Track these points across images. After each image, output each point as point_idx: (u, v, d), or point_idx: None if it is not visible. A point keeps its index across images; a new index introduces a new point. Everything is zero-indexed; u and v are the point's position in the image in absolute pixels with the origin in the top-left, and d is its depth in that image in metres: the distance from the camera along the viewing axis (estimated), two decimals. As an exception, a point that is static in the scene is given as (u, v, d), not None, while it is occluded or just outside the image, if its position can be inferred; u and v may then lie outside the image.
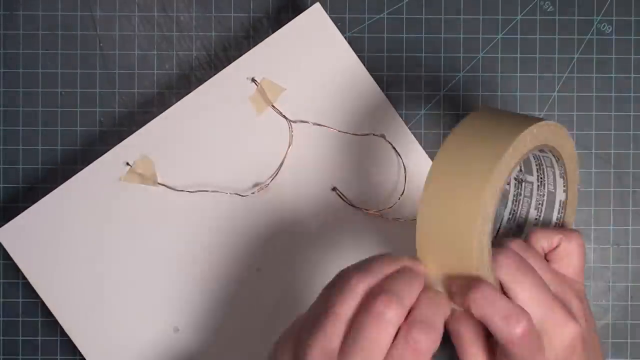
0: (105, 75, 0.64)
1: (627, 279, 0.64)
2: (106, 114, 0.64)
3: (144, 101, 0.64)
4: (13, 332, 0.64)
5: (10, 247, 0.59)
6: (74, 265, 0.59)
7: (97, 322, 0.59)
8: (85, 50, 0.64)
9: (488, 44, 0.64)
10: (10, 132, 0.64)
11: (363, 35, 0.64)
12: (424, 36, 0.64)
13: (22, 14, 0.64)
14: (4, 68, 0.64)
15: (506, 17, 0.64)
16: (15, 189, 0.64)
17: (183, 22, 0.65)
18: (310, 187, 0.60)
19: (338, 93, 0.60)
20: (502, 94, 0.64)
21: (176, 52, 0.65)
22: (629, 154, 0.64)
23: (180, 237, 0.60)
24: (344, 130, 0.60)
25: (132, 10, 0.65)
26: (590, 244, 0.64)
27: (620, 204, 0.64)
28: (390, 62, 0.64)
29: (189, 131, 0.60)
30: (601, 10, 0.64)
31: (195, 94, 0.60)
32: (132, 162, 0.59)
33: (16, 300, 0.64)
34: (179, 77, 0.64)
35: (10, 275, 0.64)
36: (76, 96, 0.64)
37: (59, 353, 0.64)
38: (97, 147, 0.63)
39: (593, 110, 0.64)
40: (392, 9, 0.64)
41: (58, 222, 0.59)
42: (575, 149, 0.64)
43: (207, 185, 0.60)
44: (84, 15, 0.64)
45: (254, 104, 0.60)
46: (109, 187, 0.59)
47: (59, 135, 0.64)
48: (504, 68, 0.64)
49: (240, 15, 0.65)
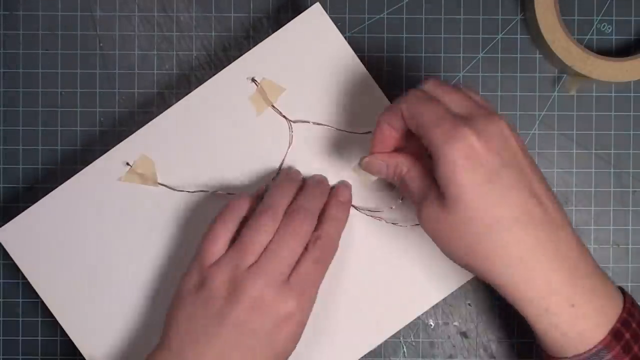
0: (105, 75, 0.64)
1: (627, 279, 0.64)
2: (106, 114, 0.64)
3: (144, 101, 0.64)
4: (13, 332, 0.64)
5: (10, 247, 0.59)
6: (74, 265, 0.59)
7: (97, 322, 0.59)
8: (85, 50, 0.64)
9: (488, 44, 0.64)
10: (10, 132, 0.64)
11: (363, 35, 0.64)
12: (424, 36, 0.64)
13: (22, 14, 0.64)
14: (4, 68, 0.64)
15: (506, 17, 0.64)
16: (15, 189, 0.64)
17: (183, 22, 0.65)
18: (310, 187, 0.60)
19: (338, 93, 0.60)
20: (502, 94, 0.64)
21: (176, 52, 0.65)
22: (629, 154, 0.64)
23: (180, 237, 0.60)
24: (343, 128, 0.60)
25: (132, 10, 0.65)
26: (590, 244, 0.64)
27: (620, 204, 0.64)
28: (390, 62, 0.64)
29: (189, 131, 0.60)
30: (601, 10, 0.64)
31: (195, 94, 0.60)
32: (132, 162, 0.59)
33: (16, 300, 0.64)
34: (179, 77, 0.64)
35: (10, 275, 0.64)
36: (76, 96, 0.64)
37: (59, 353, 0.64)
38: (97, 147, 0.63)
39: (593, 110, 0.64)
40: (392, 9, 0.64)
41: (58, 222, 0.59)
42: (575, 148, 0.64)
43: (207, 185, 0.60)
44: (84, 15, 0.64)
45: (254, 104, 0.60)
46: (109, 187, 0.59)
47: (59, 135, 0.64)
48: (503, 68, 0.64)
49: (240, 15, 0.65)
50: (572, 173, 0.64)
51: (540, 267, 0.47)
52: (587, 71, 0.61)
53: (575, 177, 0.64)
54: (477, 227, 0.47)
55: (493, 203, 0.47)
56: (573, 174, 0.64)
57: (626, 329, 0.47)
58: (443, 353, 0.64)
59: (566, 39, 0.61)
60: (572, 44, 0.61)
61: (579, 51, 0.61)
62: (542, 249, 0.47)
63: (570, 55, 0.61)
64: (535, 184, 0.48)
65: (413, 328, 0.64)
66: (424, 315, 0.64)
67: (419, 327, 0.64)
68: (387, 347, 0.64)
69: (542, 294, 0.47)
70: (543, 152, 0.64)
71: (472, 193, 0.46)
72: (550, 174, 0.64)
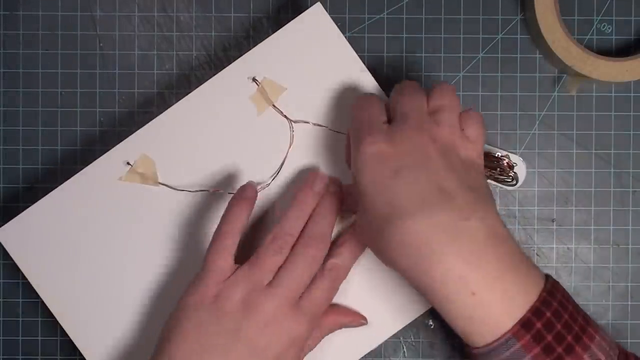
0: (105, 75, 0.64)
1: (627, 279, 0.64)
2: (106, 114, 0.64)
3: (144, 101, 0.64)
4: (13, 332, 0.64)
5: (10, 247, 0.59)
6: (74, 265, 0.59)
7: (97, 321, 0.59)
8: (85, 50, 0.64)
9: (488, 44, 0.64)
10: (10, 132, 0.64)
11: (363, 35, 0.64)
12: (424, 36, 0.64)
13: (22, 14, 0.64)
14: (4, 68, 0.64)
15: (506, 17, 0.64)
16: (15, 189, 0.64)
17: (183, 22, 0.65)
18: (310, 186, 0.60)
19: (338, 92, 0.60)
20: (502, 94, 0.64)
21: (176, 52, 0.65)
22: (629, 154, 0.64)
23: (180, 237, 0.60)
24: (344, 129, 0.60)
25: (132, 10, 0.65)
26: (590, 244, 0.64)
27: (620, 204, 0.64)
28: (390, 62, 0.64)
29: (190, 131, 0.60)
30: (601, 10, 0.64)
31: (195, 94, 0.60)
32: (132, 162, 0.59)
33: (16, 300, 0.64)
34: (179, 77, 0.64)
35: (10, 275, 0.64)
36: (76, 96, 0.64)
37: (59, 353, 0.64)
38: (97, 147, 0.63)
39: (593, 110, 0.64)
40: (392, 9, 0.64)
41: (58, 222, 0.59)
42: (575, 148, 0.64)
43: (208, 185, 0.60)
44: (84, 15, 0.64)
45: (255, 104, 0.60)
46: (109, 187, 0.59)
47: (59, 135, 0.64)
48: (503, 68, 0.64)
49: (240, 15, 0.65)
50: (572, 173, 0.64)
51: (438, 254, 0.47)
52: (587, 71, 0.61)
53: (575, 177, 0.64)
54: (380, 218, 0.49)
55: (394, 194, 0.49)
56: (573, 174, 0.64)
57: (538, 318, 0.47)
58: (443, 353, 0.64)
59: (566, 39, 0.61)
60: (572, 44, 0.61)
61: (579, 51, 0.61)
62: (439, 237, 0.47)
63: (570, 55, 0.61)
64: (446, 182, 0.49)
65: (413, 328, 0.64)
66: (424, 315, 0.64)
67: (419, 327, 0.64)
68: (387, 347, 0.64)
69: (441, 282, 0.47)
70: (543, 152, 0.64)
71: (376, 185, 0.50)
72: (550, 174, 0.64)
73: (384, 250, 0.50)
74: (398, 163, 0.49)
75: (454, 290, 0.47)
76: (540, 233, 0.64)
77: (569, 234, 0.64)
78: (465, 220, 0.48)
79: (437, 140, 0.50)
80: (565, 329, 0.47)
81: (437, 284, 0.47)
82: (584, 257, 0.64)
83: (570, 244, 0.64)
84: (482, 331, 0.48)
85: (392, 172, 0.49)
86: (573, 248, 0.64)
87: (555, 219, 0.64)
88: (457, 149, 0.51)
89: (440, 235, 0.47)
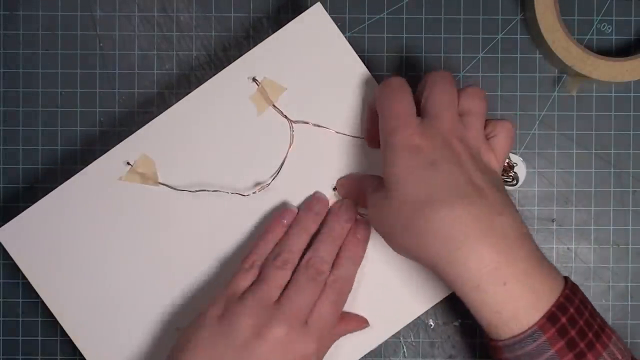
0: (105, 75, 0.64)
1: (627, 279, 0.64)
2: (106, 114, 0.64)
3: (144, 101, 0.64)
4: (13, 332, 0.64)
5: (10, 247, 0.59)
6: (74, 265, 0.59)
7: (97, 322, 0.59)
8: (85, 50, 0.64)
9: (488, 44, 0.64)
10: (10, 132, 0.64)
11: (363, 35, 0.64)
12: (424, 36, 0.64)
13: (22, 14, 0.64)
14: (4, 68, 0.64)
15: (506, 17, 0.64)
16: (15, 189, 0.64)
17: (183, 22, 0.65)
18: (311, 187, 0.60)
19: (339, 92, 0.60)
20: (502, 94, 0.64)
21: (176, 52, 0.65)
22: (629, 154, 0.64)
23: (181, 237, 0.60)
24: (344, 129, 0.60)
25: (132, 10, 0.65)
26: (590, 244, 0.64)
27: (620, 204, 0.64)
28: (390, 62, 0.64)
29: (190, 131, 0.60)
30: (601, 10, 0.64)
31: (195, 93, 0.59)
32: (132, 162, 0.59)
33: (16, 300, 0.64)
34: (179, 77, 0.64)
35: (10, 275, 0.64)
36: (76, 96, 0.64)
37: (59, 353, 0.64)
38: (97, 147, 0.63)
39: (593, 110, 0.64)
40: (392, 9, 0.64)
41: (58, 222, 0.59)
42: (575, 148, 0.64)
43: (208, 185, 0.60)
44: (84, 15, 0.64)
45: (255, 104, 0.60)
46: (109, 187, 0.59)
47: (59, 135, 0.64)
48: (503, 68, 0.64)
49: (240, 15, 0.65)
50: (572, 173, 0.64)
51: (473, 244, 0.48)
52: (587, 71, 0.61)
53: (575, 177, 0.64)
54: (412, 205, 0.49)
55: (428, 185, 0.49)
56: (573, 174, 0.64)
57: (563, 313, 0.48)
58: (443, 353, 0.64)
59: (566, 39, 0.61)
60: (572, 44, 0.61)
61: (579, 51, 0.61)
62: (475, 228, 0.48)
63: (570, 55, 0.61)
64: (477, 179, 0.50)
65: (413, 328, 0.64)
66: (424, 315, 0.64)
67: (419, 327, 0.64)
68: (387, 347, 0.64)
69: (474, 271, 0.48)
70: (543, 152, 0.64)
71: (409, 176, 0.50)
72: (550, 174, 0.64)
73: (411, 237, 0.50)
74: (432, 156, 0.50)
75: (487, 280, 0.48)
76: (540, 233, 0.64)
77: (569, 234, 0.64)
78: (499, 215, 0.49)
79: (464, 141, 0.51)
80: (586, 326, 0.48)
81: (470, 273, 0.48)
82: (584, 257, 0.64)
83: (570, 244, 0.64)
84: (510, 322, 0.48)
85: (428, 164, 0.50)
86: (573, 248, 0.64)
87: (555, 219, 0.64)
88: (481, 154, 0.52)
89: (476, 226, 0.48)
